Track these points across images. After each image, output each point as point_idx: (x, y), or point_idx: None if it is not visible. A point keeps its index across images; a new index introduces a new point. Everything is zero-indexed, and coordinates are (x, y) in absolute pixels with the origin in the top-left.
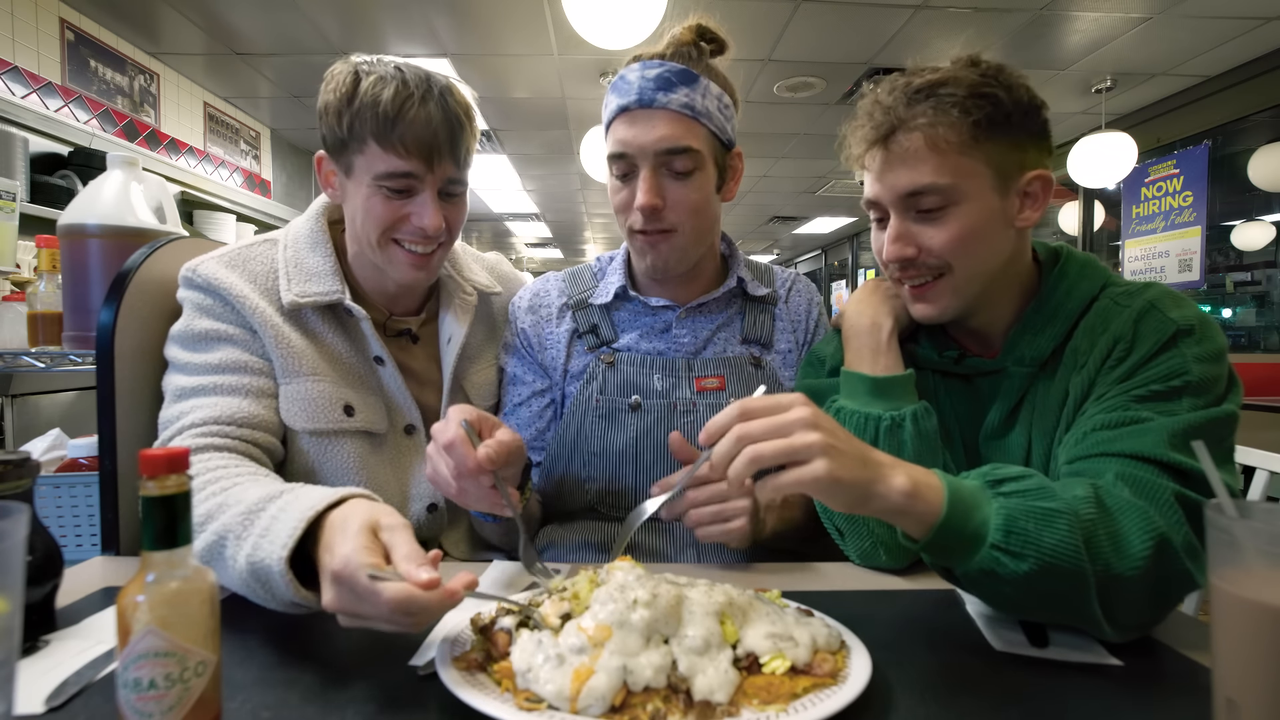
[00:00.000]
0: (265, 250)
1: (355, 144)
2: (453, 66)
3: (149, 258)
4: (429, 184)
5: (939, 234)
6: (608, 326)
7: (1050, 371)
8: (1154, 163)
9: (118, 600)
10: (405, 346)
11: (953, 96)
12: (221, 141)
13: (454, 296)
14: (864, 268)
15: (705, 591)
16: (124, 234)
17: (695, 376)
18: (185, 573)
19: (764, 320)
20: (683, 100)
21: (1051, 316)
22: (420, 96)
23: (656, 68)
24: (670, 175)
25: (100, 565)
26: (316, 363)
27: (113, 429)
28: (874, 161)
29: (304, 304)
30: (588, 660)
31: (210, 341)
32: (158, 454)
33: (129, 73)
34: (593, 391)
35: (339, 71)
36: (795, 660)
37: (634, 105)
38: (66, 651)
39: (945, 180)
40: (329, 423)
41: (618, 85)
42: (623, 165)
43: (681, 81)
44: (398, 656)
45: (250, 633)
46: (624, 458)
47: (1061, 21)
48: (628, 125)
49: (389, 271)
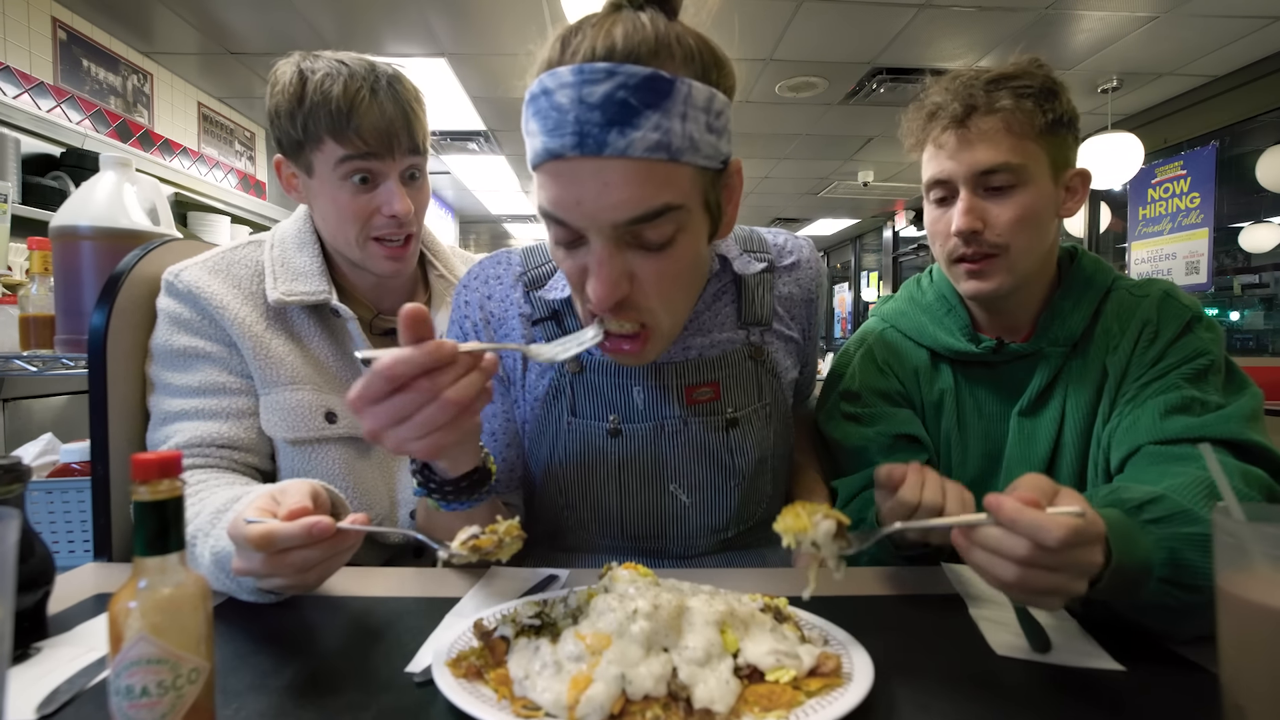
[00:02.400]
0: (250, 252)
1: (312, 143)
2: (450, 66)
3: (142, 260)
4: (391, 170)
5: (1005, 210)
6: (572, 319)
7: (1082, 351)
8: (1161, 164)
9: (110, 607)
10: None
11: (1028, 89)
12: (216, 142)
13: (445, 295)
14: (866, 270)
15: (706, 601)
16: (117, 236)
17: (685, 386)
18: (178, 579)
19: (762, 295)
20: (650, 139)
21: (1078, 301)
22: (370, 87)
23: (604, 81)
24: (637, 247)
25: (92, 571)
26: (297, 370)
27: (105, 434)
28: (948, 141)
29: (290, 302)
30: (585, 669)
31: (189, 359)
32: (150, 458)
33: (122, 72)
34: (561, 411)
35: (283, 73)
36: (799, 672)
37: (570, 151)
38: (58, 659)
39: (1018, 160)
40: (310, 431)
41: (541, 108)
42: (564, 233)
43: (645, 103)
44: (394, 664)
45: (244, 639)
46: (605, 488)
47: (1067, 20)
48: (565, 182)
49: (368, 266)
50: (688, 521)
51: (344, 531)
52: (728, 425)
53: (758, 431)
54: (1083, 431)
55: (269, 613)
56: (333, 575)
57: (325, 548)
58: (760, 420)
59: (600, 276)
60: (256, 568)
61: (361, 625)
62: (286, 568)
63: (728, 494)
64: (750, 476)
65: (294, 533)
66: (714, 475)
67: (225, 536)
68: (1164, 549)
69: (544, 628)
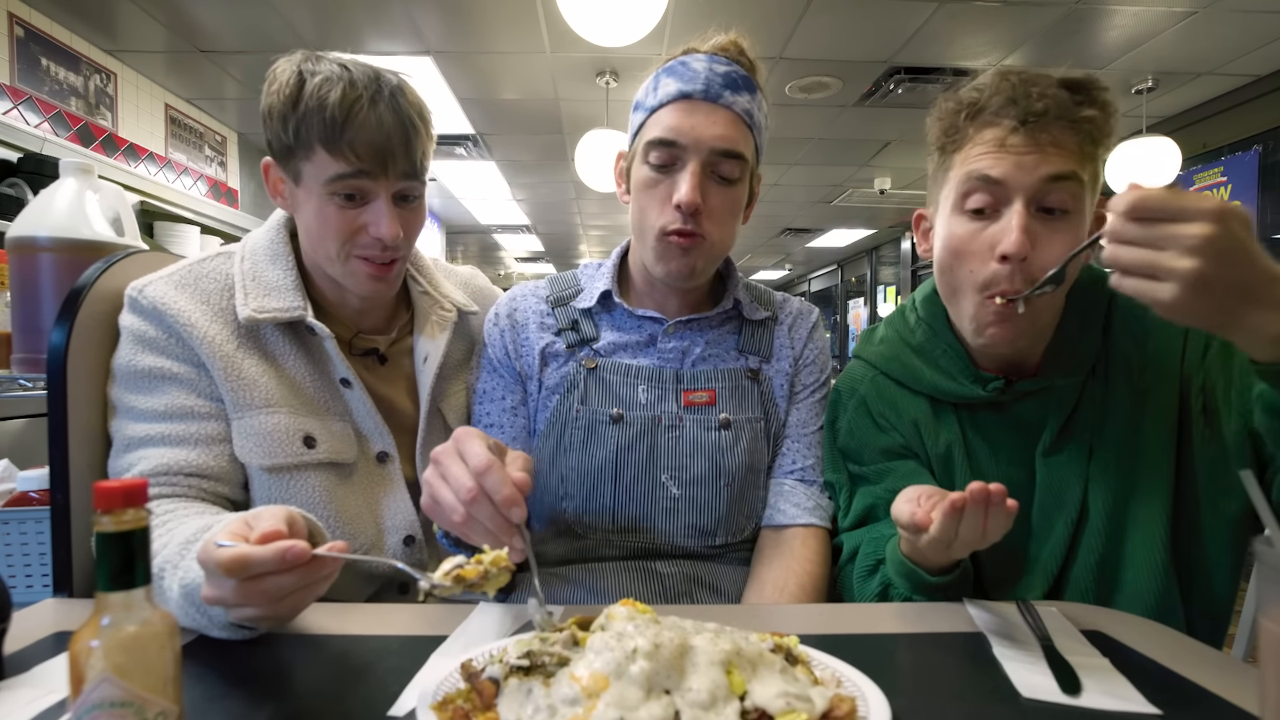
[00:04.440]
0: (219, 265)
1: (302, 150)
2: (436, 65)
3: (105, 273)
4: (383, 190)
5: (1059, 238)
6: (589, 325)
7: (1102, 376)
8: (1199, 170)
9: (70, 645)
10: (372, 367)
11: (1104, 96)
12: (185, 147)
13: (430, 313)
14: (883, 284)
15: (711, 639)
16: (78, 248)
17: (684, 389)
18: (144, 615)
19: (763, 335)
20: (745, 105)
21: (1085, 322)
22: (370, 98)
23: (725, 65)
24: (715, 179)
25: (52, 608)
26: (272, 392)
27: (65, 460)
28: (1013, 140)
29: (262, 320)
30: (581, 712)
31: (155, 381)
32: (114, 486)
33: (84, 72)
34: (573, 402)
35: (282, 71)
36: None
37: (698, 95)
38: (15, 702)
39: (1083, 180)
40: (288, 456)
41: (677, 70)
42: (667, 155)
43: (746, 87)
44: (375, 707)
45: (215, 680)
46: (603, 474)
47: (1098, 16)
48: (686, 113)
49: (348, 284)
50: (676, 517)
51: (320, 558)
52: (720, 426)
53: (750, 439)
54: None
55: (242, 651)
56: (307, 607)
57: (300, 574)
58: (754, 431)
59: (691, 185)
60: (227, 595)
61: (340, 665)
62: (259, 595)
63: (716, 493)
64: (740, 480)
65: (267, 557)
66: (705, 471)
67: (195, 567)
68: None
69: (535, 669)
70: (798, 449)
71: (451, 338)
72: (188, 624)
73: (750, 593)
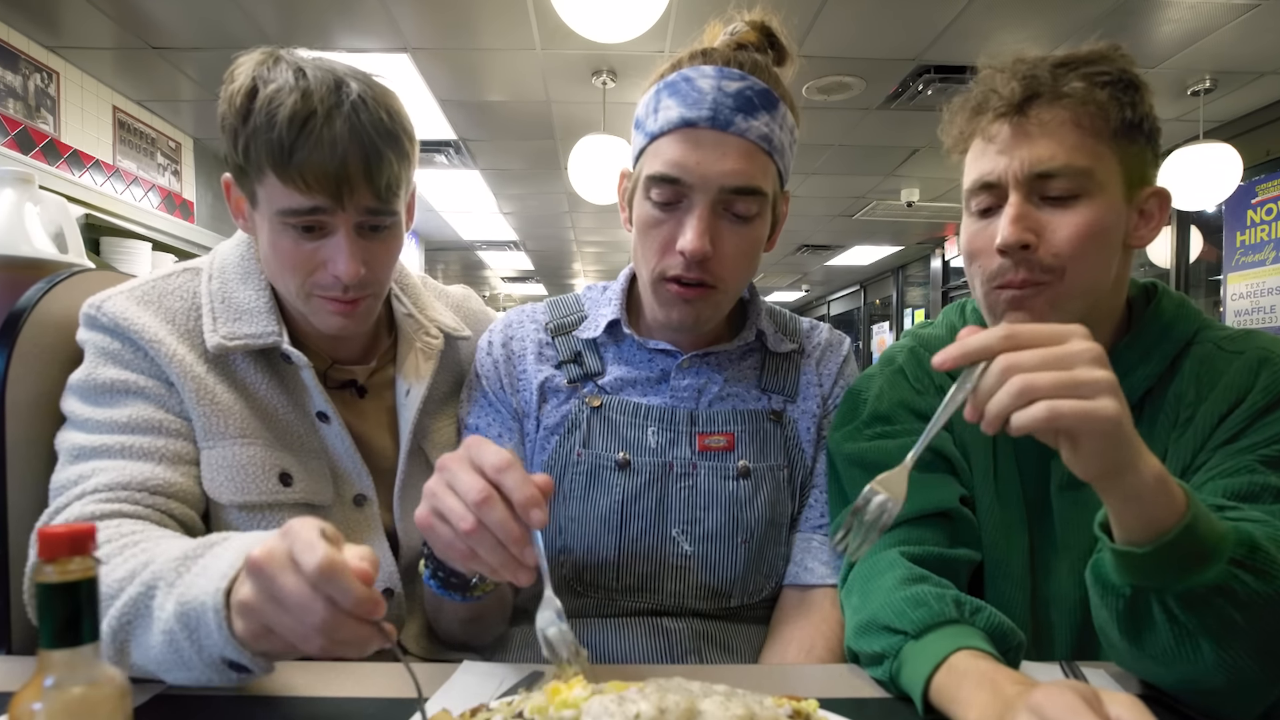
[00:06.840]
0: (185, 282)
1: (254, 171)
2: (414, 63)
3: (47, 294)
4: (341, 222)
5: (1066, 223)
6: (594, 358)
7: (1149, 417)
8: (1262, 180)
9: (10, 709)
10: (349, 401)
11: (1106, 75)
12: (135, 154)
13: (414, 340)
14: (910, 306)
15: (721, 703)
16: (16, 266)
17: (698, 433)
18: (91, 675)
19: (788, 370)
20: (761, 130)
21: (1145, 355)
22: (325, 113)
23: (738, 81)
24: (728, 217)
25: None
26: (246, 422)
27: (3, 504)
28: (1000, 133)
29: (233, 348)
30: None
31: (117, 394)
32: (58, 532)
33: (23, 71)
34: (574, 444)
35: (239, 73)
36: None
37: (704, 123)
38: None
39: (1084, 163)
40: (262, 494)
41: (681, 89)
42: (670, 192)
43: (764, 105)
44: None
45: None
46: (606, 527)
47: (1150, 10)
48: (691, 146)
49: (314, 321)
50: (688, 576)
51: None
52: (739, 474)
53: (771, 489)
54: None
55: (203, 714)
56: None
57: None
58: (776, 480)
59: (696, 230)
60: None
61: None
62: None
63: (733, 551)
64: (759, 537)
65: (359, 592)
66: (721, 527)
67: (201, 584)
68: (1244, 533)
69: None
70: (826, 500)
71: (438, 368)
72: (161, 658)
73: (771, 652)
